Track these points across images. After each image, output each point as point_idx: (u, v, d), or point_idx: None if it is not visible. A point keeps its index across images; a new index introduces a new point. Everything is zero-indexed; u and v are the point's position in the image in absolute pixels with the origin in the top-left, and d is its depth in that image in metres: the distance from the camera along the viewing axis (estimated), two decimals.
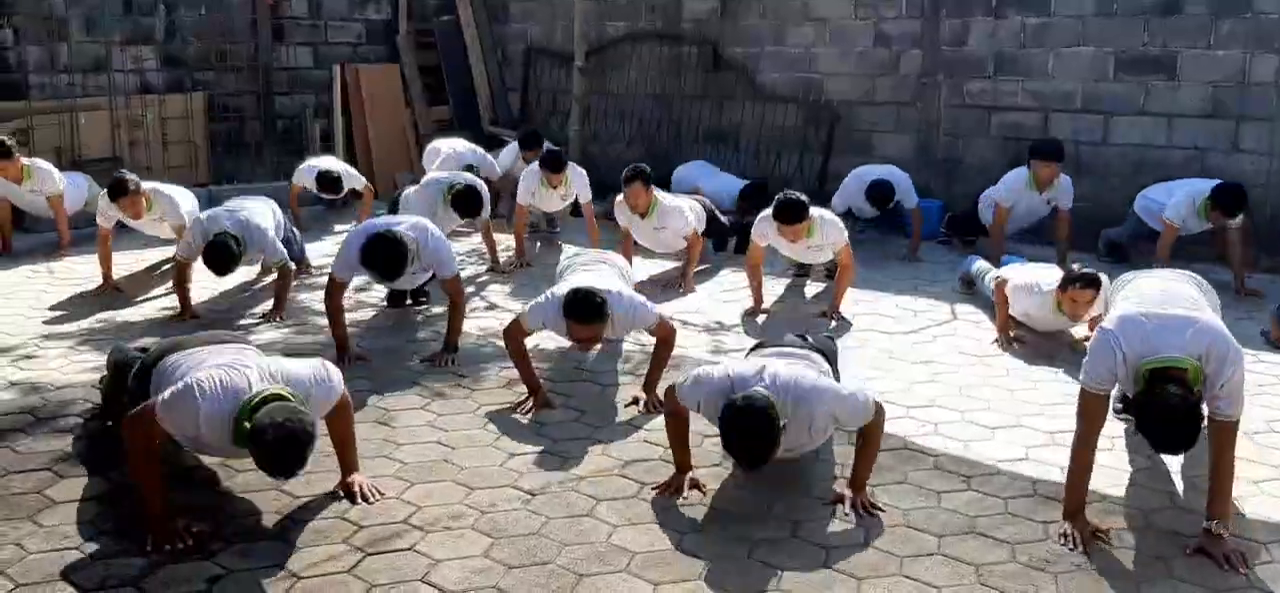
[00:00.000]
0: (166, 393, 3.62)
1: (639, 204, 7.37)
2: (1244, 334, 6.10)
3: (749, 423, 3.66)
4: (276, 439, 3.40)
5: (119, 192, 7.03)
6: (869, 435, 4.02)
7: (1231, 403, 3.63)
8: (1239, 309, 6.79)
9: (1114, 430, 4.31)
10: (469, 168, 9.11)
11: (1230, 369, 3.59)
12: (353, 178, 9.60)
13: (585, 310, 4.92)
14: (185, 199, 7.56)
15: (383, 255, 5.61)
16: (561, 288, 5.18)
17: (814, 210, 6.57)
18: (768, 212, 6.61)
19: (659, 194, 7.53)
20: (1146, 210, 7.82)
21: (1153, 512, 3.99)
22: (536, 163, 8.36)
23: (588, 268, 5.69)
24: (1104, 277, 5.67)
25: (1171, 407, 3.47)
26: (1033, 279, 6.09)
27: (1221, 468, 3.66)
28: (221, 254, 6.40)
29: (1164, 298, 3.98)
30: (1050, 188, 7.78)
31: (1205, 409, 3.62)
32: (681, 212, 7.54)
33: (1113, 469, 4.28)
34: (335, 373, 3.93)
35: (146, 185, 7.26)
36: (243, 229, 6.57)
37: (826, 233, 6.66)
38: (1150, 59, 8.48)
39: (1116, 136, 8.72)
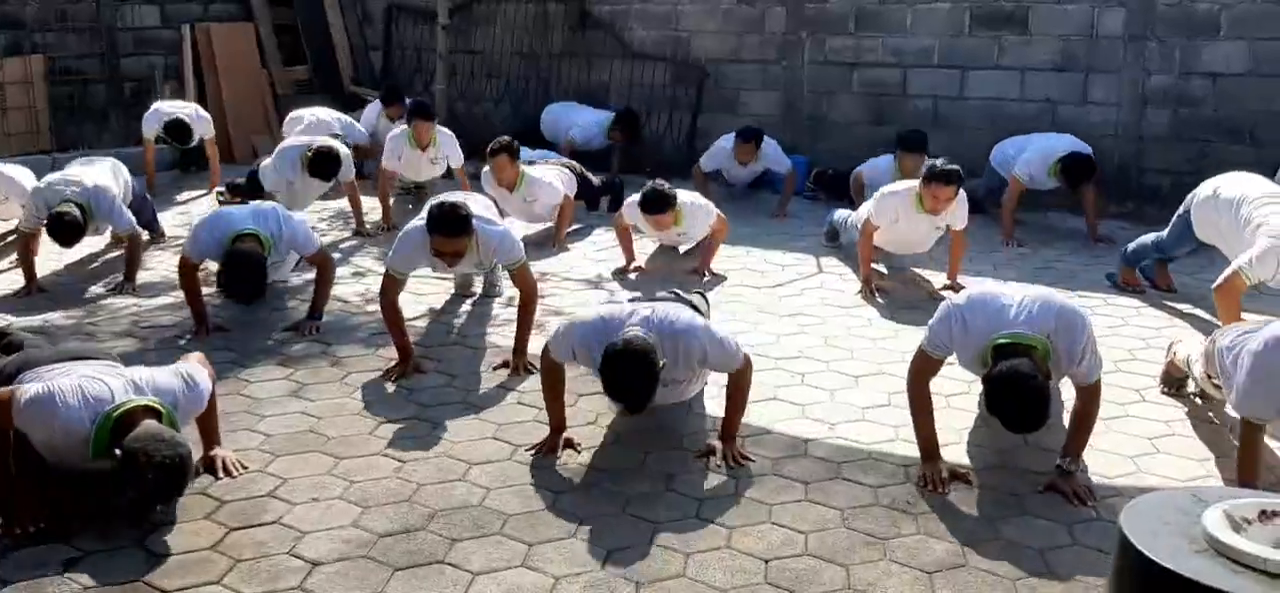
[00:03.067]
0: (25, 395, 3.45)
1: (505, 178, 7.29)
2: (1092, 279, 6.42)
3: (630, 365, 3.71)
4: (156, 481, 3.30)
5: None
6: (737, 387, 4.09)
7: (1090, 367, 3.80)
8: (1089, 255, 7.12)
9: (971, 377, 4.45)
10: (335, 137, 8.81)
11: (1080, 336, 3.75)
12: (203, 123, 9.18)
13: (450, 221, 4.87)
14: (26, 177, 7.13)
15: (242, 278, 5.41)
16: (423, 214, 5.10)
17: (682, 196, 6.63)
18: (635, 198, 6.67)
19: (526, 169, 7.46)
20: (1002, 163, 8.08)
21: (1006, 451, 4.16)
22: (402, 122, 8.15)
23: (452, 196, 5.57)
24: (963, 186, 5.99)
25: (1021, 375, 3.53)
26: (893, 186, 6.41)
27: (1084, 415, 3.85)
28: (66, 227, 6.10)
29: (1003, 287, 4.14)
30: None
31: (1067, 383, 3.77)
32: (551, 185, 7.50)
33: (967, 412, 4.44)
34: (202, 376, 3.81)
35: None
36: (87, 197, 6.27)
37: (694, 220, 6.76)
38: (1004, 14, 8.76)
39: (972, 90, 9.00)
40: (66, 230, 6.11)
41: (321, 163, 7.42)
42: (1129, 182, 8.43)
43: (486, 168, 7.46)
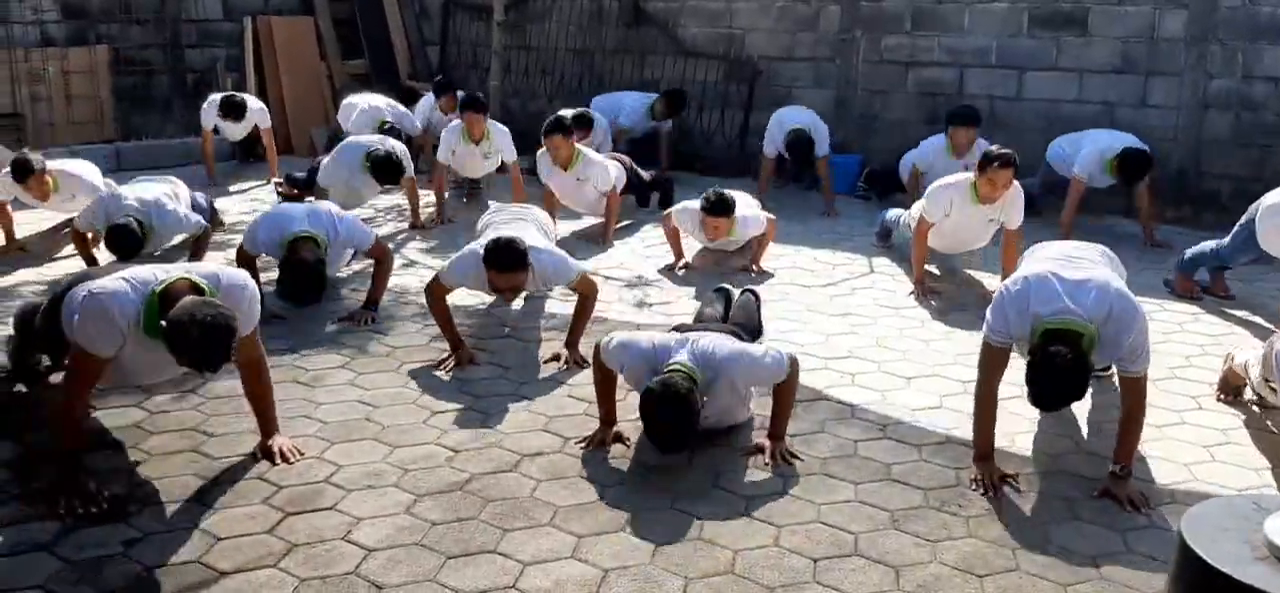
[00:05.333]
0: (76, 310, 3.52)
1: (561, 155, 7.35)
2: (1149, 283, 6.33)
3: (667, 410, 3.73)
4: (200, 336, 3.33)
5: (23, 172, 6.74)
6: (785, 388, 4.08)
7: (1137, 360, 3.74)
8: (1145, 260, 7.02)
9: (1023, 378, 4.41)
10: (387, 126, 8.93)
11: (1132, 329, 3.70)
12: (259, 113, 9.32)
13: (506, 258, 4.90)
14: (91, 173, 7.21)
15: (303, 287, 5.47)
16: (481, 241, 5.15)
17: (738, 209, 6.63)
18: (692, 203, 6.70)
19: (581, 148, 7.52)
20: (1059, 159, 7.98)
21: (1059, 456, 4.12)
22: (455, 116, 8.21)
23: (508, 223, 5.65)
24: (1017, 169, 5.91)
25: (1056, 364, 3.54)
26: (948, 178, 6.32)
27: (1131, 418, 3.79)
28: (124, 238, 6.14)
29: (1069, 261, 4.07)
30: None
31: (1114, 371, 3.73)
32: (604, 166, 7.54)
33: (1021, 416, 4.40)
34: (251, 281, 3.87)
35: (51, 164, 6.98)
36: (147, 212, 6.34)
37: (746, 229, 6.76)
38: (1062, 15, 8.65)
39: (1030, 91, 8.89)
40: (126, 240, 6.13)
41: (383, 169, 7.46)
42: (1187, 186, 8.29)
43: (542, 151, 7.50)
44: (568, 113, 8.34)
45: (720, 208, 6.53)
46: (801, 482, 3.87)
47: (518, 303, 6.05)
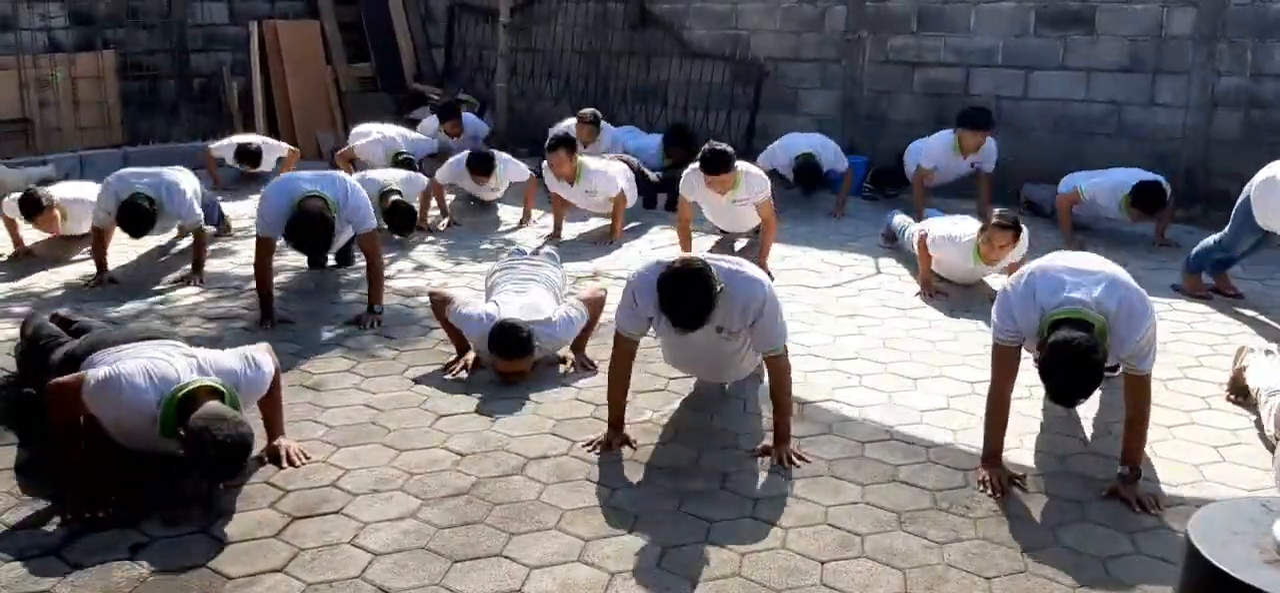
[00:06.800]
0: (95, 378, 3.56)
1: (564, 170, 7.34)
2: (1158, 283, 6.30)
3: (686, 281, 3.74)
4: (218, 458, 3.40)
5: (32, 209, 6.78)
6: (779, 386, 4.04)
7: (1144, 358, 3.69)
8: (1154, 260, 6.99)
9: (1032, 380, 4.40)
10: (400, 159, 8.77)
11: (1144, 324, 3.65)
12: (274, 148, 9.38)
13: (510, 345, 4.78)
14: (96, 193, 7.23)
15: (311, 235, 5.51)
16: (492, 308, 5.02)
17: (739, 164, 6.61)
18: (694, 165, 6.64)
19: (585, 159, 7.51)
20: (1071, 191, 7.82)
21: (1067, 457, 4.10)
22: (464, 162, 8.06)
23: (518, 288, 5.31)
24: (1024, 227, 5.83)
25: (1074, 347, 3.46)
26: (952, 231, 6.23)
27: (1137, 418, 3.76)
28: (135, 214, 6.22)
29: (1077, 259, 4.02)
30: (975, 153, 7.82)
31: (1120, 366, 3.70)
32: (609, 175, 7.54)
33: (1029, 417, 4.39)
34: (266, 361, 3.90)
35: (57, 194, 6.99)
36: (158, 188, 6.39)
37: (751, 186, 6.70)
38: (1070, 13, 8.62)
39: (1037, 91, 8.87)
40: (137, 216, 6.21)
41: (399, 219, 7.35)
42: (1196, 185, 8.26)
43: (546, 163, 7.50)
44: (570, 127, 8.32)
45: (718, 165, 6.46)
46: (808, 484, 3.86)
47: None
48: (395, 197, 7.39)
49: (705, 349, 4.25)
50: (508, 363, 4.80)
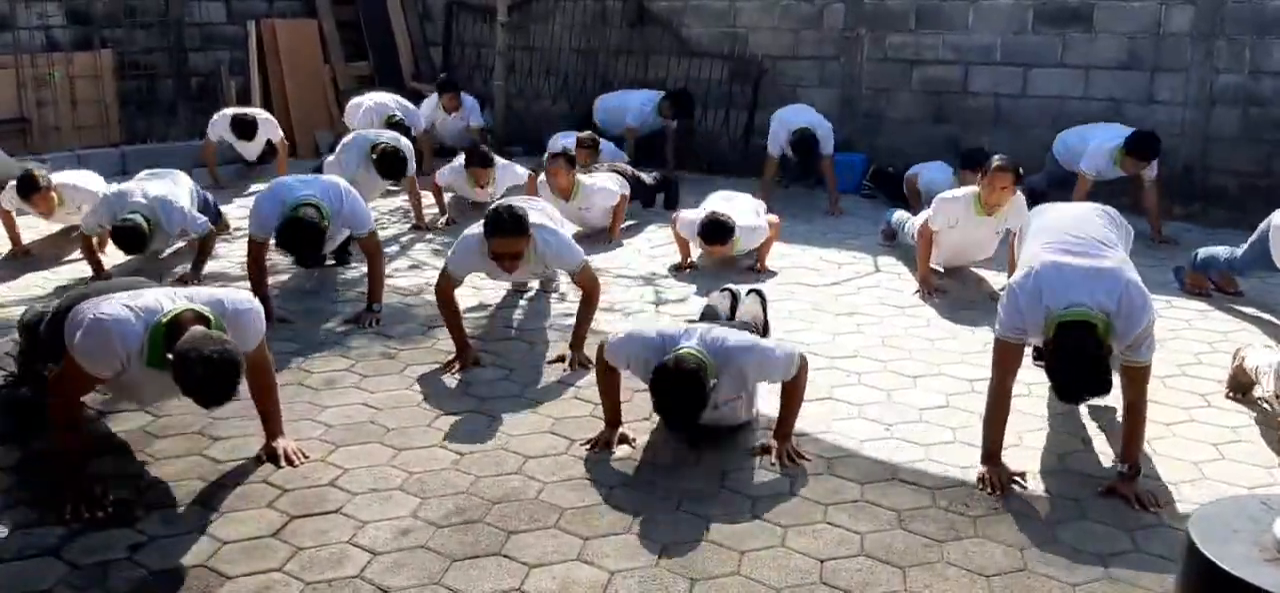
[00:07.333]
0: (77, 330, 3.50)
1: (560, 184, 7.33)
2: (1159, 279, 6.30)
3: (679, 385, 3.72)
4: (206, 374, 3.31)
5: (29, 188, 6.77)
6: (794, 386, 4.07)
7: (1144, 350, 3.71)
8: (1153, 257, 6.99)
9: (1031, 377, 4.42)
10: (393, 121, 8.95)
11: (1143, 319, 3.67)
12: (269, 125, 9.36)
13: (507, 224, 4.86)
14: (94, 182, 7.21)
15: (301, 240, 5.53)
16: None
17: (740, 224, 6.62)
18: (695, 214, 6.73)
19: (582, 177, 7.49)
20: (1064, 155, 7.94)
21: (1067, 455, 4.10)
22: (462, 163, 8.07)
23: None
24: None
25: (1077, 351, 3.53)
26: (952, 192, 6.35)
27: (1133, 412, 3.77)
28: (129, 234, 6.18)
29: (1078, 242, 4.00)
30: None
31: (1118, 357, 3.72)
32: (606, 190, 7.53)
33: (1028, 415, 4.39)
34: (257, 305, 3.85)
35: (56, 178, 6.99)
36: (153, 209, 6.34)
37: (749, 241, 6.75)
38: (1068, 10, 8.62)
39: (1034, 89, 8.86)
40: (130, 238, 6.17)
41: (388, 162, 7.46)
42: (1195, 182, 8.26)
43: (542, 176, 7.50)
44: (571, 143, 8.32)
45: (716, 235, 6.54)
46: (808, 482, 3.85)
47: (526, 295, 6.05)
48: (382, 146, 7.49)
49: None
50: (502, 241, 4.87)
